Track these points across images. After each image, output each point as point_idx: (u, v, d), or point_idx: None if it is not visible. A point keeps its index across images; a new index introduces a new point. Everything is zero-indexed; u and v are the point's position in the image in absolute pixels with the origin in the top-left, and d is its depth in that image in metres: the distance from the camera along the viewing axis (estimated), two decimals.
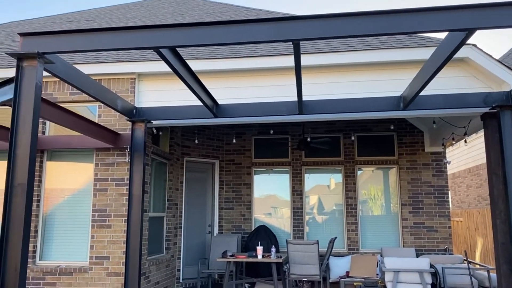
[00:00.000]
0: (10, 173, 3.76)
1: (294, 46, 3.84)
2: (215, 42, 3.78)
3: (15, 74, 3.89)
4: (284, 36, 3.62)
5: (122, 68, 6.74)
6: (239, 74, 6.66)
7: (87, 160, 6.80)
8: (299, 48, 3.89)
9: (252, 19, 3.77)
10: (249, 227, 9.22)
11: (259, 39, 3.72)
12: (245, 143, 9.55)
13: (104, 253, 6.36)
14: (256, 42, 3.76)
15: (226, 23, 3.83)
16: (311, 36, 3.60)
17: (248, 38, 3.74)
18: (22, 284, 3.64)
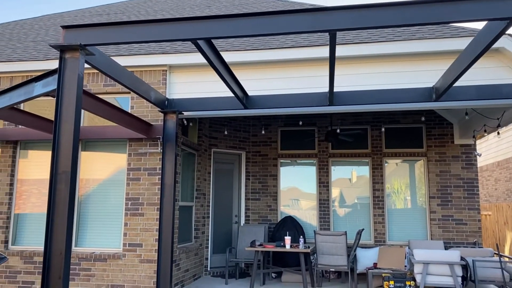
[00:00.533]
0: (55, 161, 3.92)
1: (330, 36, 3.86)
2: (252, 33, 3.83)
3: (58, 66, 4.04)
4: (321, 26, 3.64)
5: (154, 60, 6.87)
6: (269, 66, 6.69)
7: (120, 150, 6.97)
8: (335, 38, 3.91)
9: (289, 10, 3.80)
10: (275, 218, 9.30)
11: (296, 29, 3.75)
12: (272, 135, 9.60)
13: (137, 240, 6.54)
14: (293, 33, 3.79)
15: (263, 14, 3.87)
16: (348, 26, 3.61)
17: (285, 29, 3.78)
18: (66, 268, 3.80)
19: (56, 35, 9.23)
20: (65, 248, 3.78)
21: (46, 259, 3.79)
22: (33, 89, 4.51)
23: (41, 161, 7.23)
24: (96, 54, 4.35)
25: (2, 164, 7.15)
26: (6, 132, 7.02)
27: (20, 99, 4.71)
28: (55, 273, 3.77)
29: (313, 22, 3.70)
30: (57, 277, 3.76)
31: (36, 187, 7.18)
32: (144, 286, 6.39)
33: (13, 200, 7.12)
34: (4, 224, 6.98)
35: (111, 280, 6.50)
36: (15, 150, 7.24)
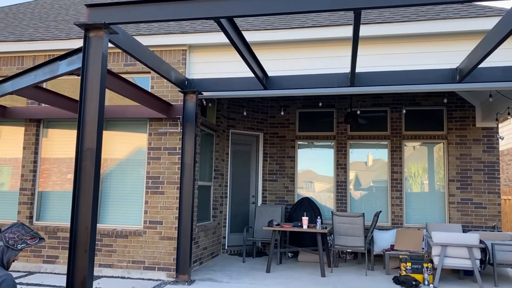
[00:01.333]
0: (80, 139, 4.00)
1: (355, 15, 3.81)
2: (276, 12, 3.80)
3: (83, 44, 4.08)
4: (346, 4, 3.60)
5: (173, 40, 6.87)
6: (289, 46, 6.64)
7: (140, 129, 7.06)
8: (359, 17, 3.85)
9: None
10: (292, 199, 9.35)
11: (319, 8, 3.71)
12: (289, 116, 9.58)
13: (158, 218, 6.67)
14: (315, 11, 3.75)
15: None
16: (374, 4, 3.55)
17: (308, 7, 3.74)
18: (92, 242, 3.92)
19: (76, 14, 9.29)
20: (91, 223, 3.90)
21: (72, 233, 3.91)
22: (58, 67, 4.58)
23: (62, 140, 7.37)
24: (119, 33, 4.38)
25: (26, 142, 7.31)
26: (30, 110, 7.16)
27: (45, 78, 4.79)
28: (81, 247, 3.89)
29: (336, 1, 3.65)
30: (83, 251, 3.89)
31: (57, 165, 7.34)
32: (164, 262, 6.54)
33: (37, 178, 7.30)
34: (29, 200, 7.18)
35: (132, 256, 6.66)
36: (38, 129, 7.38)
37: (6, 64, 7.55)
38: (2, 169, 7.50)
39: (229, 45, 6.71)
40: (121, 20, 4.05)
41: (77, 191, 3.95)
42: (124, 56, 7.11)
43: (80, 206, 3.94)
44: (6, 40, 7.48)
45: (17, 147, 7.46)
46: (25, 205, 7.17)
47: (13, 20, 9.33)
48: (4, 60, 7.56)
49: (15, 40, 7.43)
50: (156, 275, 6.53)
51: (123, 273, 6.64)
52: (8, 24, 8.98)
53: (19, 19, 9.43)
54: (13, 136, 7.52)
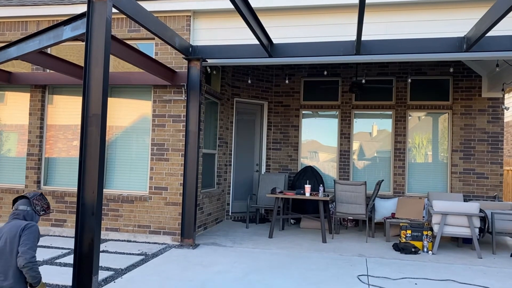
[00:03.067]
0: (85, 105, 4.04)
1: None
2: None
3: (87, 9, 4.06)
4: None
5: (178, 5, 6.79)
6: (295, 12, 6.55)
7: (145, 97, 7.08)
8: None
9: None
10: (295, 168, 9.44)
11: None
12: (294, 85, 9.54)
13: (163, 184, 6.79)
14: None
15: None
16: None
17: None
18: (99, 205, 4.02)
19: None
20: (97, 186, 3.99)
21: (80, 197, 4.01)
22: (62, 32, 4.57)
23: (67, 107, 7.42)
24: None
25: (32, 108, 7.37)
26: (35, 76, 7.18)
27: (50, 43, 4.78)
28: (88, 210, 4.00)
29: None
30: (90, 214, 4.00)
31: (62, 132, 7.42)
32: (169, 227, 6.70)
33: (43, 144, 7.40)
34: (36, 166, 7.31)
35: (138, 220, 6.83)
36: (44, 95, 7.42)
37: (10, 29, 7.51)
38: (8, 135, 7.60)
39: (234, 11, 6.63)
40: None
41: (83, 155, 4.02)
42: (128, 22, 7.05)
43: (86, 170, 4.02)
44: (10, 4, 7.42)
45: (22, 113, 7.53)
46: (32, 170, 7.30)
47: None
48: (8, 25, 7.52)
49: (18, 4, 7.37)
50: (161, 239, 6.71)
51: (129, 237, 6.82)
52: None
53: None
54: (18, 102, 7.57)
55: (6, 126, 7.60)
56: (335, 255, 6.12)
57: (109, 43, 4.08)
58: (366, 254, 6.22)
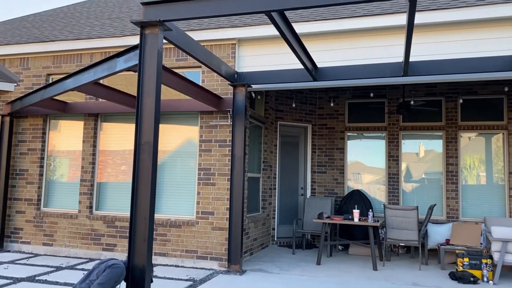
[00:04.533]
0: (138, 133, 4.17)
1: (410, 2, 3.69)
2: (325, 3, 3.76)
3: (139, 41, 4.23)
4: None
5: (223, 34, 6.96)
6: (338, 36, 6.54)
7: (192, 122, 7.23)
8: (415, 4, 3.73)
9: None
10: (341, 191, 9.26)
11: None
12: (339, 107, 9.45)
13: (209, 208, 6.84)
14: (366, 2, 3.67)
15: None
16: None
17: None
18: (150, 231, 4.09)
19: (129, 11, 9.62)
20: (149, 213, 4.07)
21: (132, 223, 4.10)
22: (116, 64, 4.78)
23: (116, 133, 7.69)
24: (173, 29, 4.50)
25: (86, 136, 7.71)
26: (88, 105, 7.54)
27: (104, 74, 5.02)
28: (140, 236, 4.07)
29: None
30: (142, 240, 4.07)
31: (111, 157, 7.68)
32: (216, 252, 6.71)
33: (95, 169, 7.69)
34: (89, 191, 7.58)
35: (185, 245, 6.88)
36: (96, 123, 7.75)
37: (66, 61, 7.97)
38: (61, 160, 7.96)
39: (278, 37, 6.71)
40: (175, 17, 4.16)
41: (136, 182, 4.12)
42: (176, 52, 7.29)
43: (139, 197, 4.12)
44: (66, 39, 7.89)
45: (75, 140, 7.88)
46: (85, 195, 7.58)
47: (71, 19, 9.81)
48: (64, 58, 7.99)
49: (74, 38, 7.82)
50: (208, 264, 6.72)
51: (177, 262, 6.88)
52: (67, 23, 9.45)
53: (76, 18, 9.90)
54: (71, 129, 7.95)
55: (59, 152, 7.98)
56: (387, 283, 5.87)
57: (160, 74, 4.22)
58: (420, 283, 5.93)
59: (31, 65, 8.18)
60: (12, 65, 8.33)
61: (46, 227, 7.70)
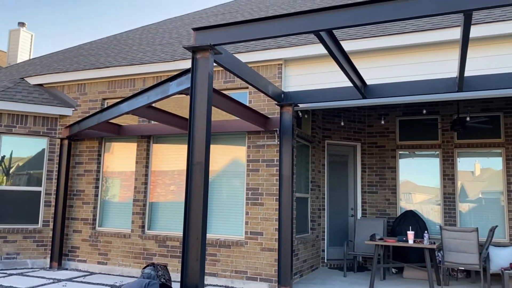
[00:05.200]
0: (190, 153, 4.25)
1: (465, 17, 3.57)
2: (375, 21, 3.71)
3: (191, 65, 4.36)
4: (455, 7, 3.39)
5: (269, 55, 7.04)
6: (387, 53, 6.43)
7: (239, 142, 7.30)
8: (470, 19, 3.61)
9: None
10: (394, 212, 8.94)
11: (421, 13, 3.55)
12: (389, 125, 9.22)
13: (258, 229, 6.81)
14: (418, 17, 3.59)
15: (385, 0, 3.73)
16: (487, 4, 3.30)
17: (410, 13, 3.60)
18: (203, 251, 4.12)
19: (178, 37, 9.97)
20: (201, 232, 4.10)
21: (185, 242, 4.14)
22: (169, 88, 4.94)
23: (165, 154, 7.89)
24: (223, 52, 4.60)
25: (139, 157, 7.97)
26: (141, 127, 7.81)
27: (157, 98, 5.19)
28: (193, 255, 4.11)
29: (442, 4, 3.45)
30: (195, 259, 4.10)
31: (161, 178, 7.87)
32: (266, 273, 6.64)
33: (147, 189, 7.90)
34: (141, 211, 7.79)
35: (234, 266, 6.87)
36: (149, 144, 8.01)
37: (120, 86, 8.35)
38: (113, 181, 8.25)
39: (324, 56, 6.69)
40: (224, 41, 4.26)
41: (188, 202, 4.19)
42: (223, 74, 7.45)
43: (191, 217, 4.17)
44: (120, 65, 8.28)
45: (128, 161, 8.16)
46: (138, 215, 7.79)
47: (124, 46, 10.31)
48: (118, 83, 8.37)
49: (127, 64, 8.19)
50: (258, 285, 6.65)
51: (226, 282, 6.87)
52: (120, 50, 9.94)
53: (129, 44, 10.39)
54: (124, 151, 8.25)
55: (113, 173, 8.28)
56: None
57: (211, 96, 4.31)
58: None
59: (88, 91, 8.64)
60: (71, 91, 8.83)
61: (101, 246, 7.96)
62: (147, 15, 66.71)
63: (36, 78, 9.07)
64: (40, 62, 10.90)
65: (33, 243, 8.24)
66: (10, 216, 8.18)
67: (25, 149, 8.49)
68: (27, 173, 8.43)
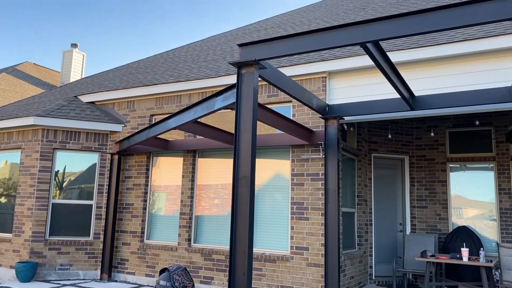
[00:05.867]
0: (236, 167, 4.28)
1: None
2: (425, 30, 3.62)
3: (236, 81, 4.41)
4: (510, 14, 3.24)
5: (313, 68, 7.02)
6: (436, 63, 6.24)
7: (283, 156, 7.28)
8: None
9: (466, 1, 3.49)
10: (445, 228, 8.55)
11: (476, 21, 3.44)
12: (438, 137, 8.89)
13: (304, 244, 6.72)
14: (471, 26, 3.47)
15: (433, 10, 3.63)
16: None
17: (463, 21, 3.49)
18: (249, 265, 4.10)
19: (222, 53, 10.17)
20: (248, 246, 4.09)
21: (231, 256, 4.15)
22: (214, 103, 5.03)
23: (210, 168, 7.99)
24: (268, 67, 4.64)
25: (185, 171, 8.13)
26: (187, 142, 7.98)
27: (203, 113, 5.29)
28: (240, 270, 4.10)
29: (500, 10, 3.31)
30: (242, 274, 4.09)
31: (205, 191, 7.97)
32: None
33: (193, 203, 8.02)
34: (187, 224, 7.91)
35: (280, 281, 6.80)
36: (194, 158, 8.15)
37: (167, 102, 8.59)
38: (162, 195, 8.44)
39: (369, 67, 6.59)
40: (269, 56, 4.28)
41: (234, 216, 4.20)
42: (267, 88, 7.49)
43: (238, 231, 4.17)
44: (167, 82, 8.53)
45: (174, 175, 8.33)
46: (184, 228, 7.91)
47: (170, 64, 10.64)
48: (165, 100, 8.62)
49: (174, 81, 8.42)
50: None
51: None
52: (167, 67, 10.26)
53: (175, 62, 10.71)
54: (170, 165, 8.44)
55: (160, 187, 8.48)
56: None
57: (256, 110, 4.34)
58: None
59: (137, 107, 8.95)
60: (121, 107, 9.18)
61: (149, 258, 8.13)
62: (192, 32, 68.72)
63: (88, 96, 9.52)
64: (92, 81, 11.45)
65: (84, 255, 8.55)
66: (63, 228, 8.55)
67: (77, 164, 8.88)
68: (79, 187, 8.80)
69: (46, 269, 8.25)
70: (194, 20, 72.61)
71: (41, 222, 8.34)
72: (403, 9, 8.94)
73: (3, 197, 9.09)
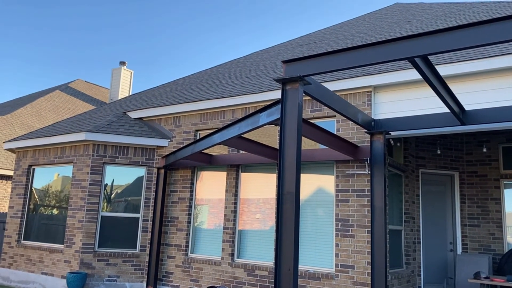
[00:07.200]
0: (280, 183, 4.28)
1: None
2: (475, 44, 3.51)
3: (281, 96, 4.43)
4: None
5: (357, 82, 6.94)
6: (487, 76, 6.01)
7: (327, 172, 7.20)
8: None
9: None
10: (500, 248, 8.10)
11: None
12: (491, 153, 8.49)
13: (349, 262, 6.57)
14: None
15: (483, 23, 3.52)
16: None
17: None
18: (295, 283, 4.05)
19: (265, 69, 10.27)
20: (293, 264, 4.05)
21: (276, 273, 4.12)
22: (259, 119, 5.07)
23: (252, 182, 8.01)
24: (312, 83, 4.63)
25: (228, 185, 8.20)
26: (231, 157, 8.07)
27: (248, 129, 5.35)
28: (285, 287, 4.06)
29: None
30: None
31: (247, 206, 7.98)
32: None
33: (237, 217, 8.06)
34: (231, 239, 7.94)
35: None
36: (238, 173, 8.22)
37: (211, 118, 8.75)
38: (206, 209, 8.54)
39: (416, 81, 6.44)
40: (314, 71, 4.28)
41: (280, 232, 4.18)
42: (310, 103, 7.47)
43: (283, 247, 4.15)
44: (211, 98, 8.70)
45: (217, 190, 8.42)
46: (228, 243, 7.95)
47: (215, 80, 10.85)
48: (210, 115, 8.79)
49: (218, 97, 8.58)
50: None
51: None
52: (211, 84, 10.48)
53: (219, 78, 10.92)
54: (214, 180, 8.54)
55: (204, 200, 8.59)
56: None
57: (301, 126, 4.33)
58: None
59: (182, 123, 9.17)
60: (167, 123, 9.45)
61: (193, 272, 8.22)
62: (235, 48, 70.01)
63: (137, 112, 9.87)
64: (140, 97, 11.87)
65: (131, 267, 8.77)
66: (111, 240, 8.82)
67: (125, 177, 9.19)
68: (126, 200, 9.08)
69: (95, 280, 8.52)
70: (236, 37, 74.05)
71: (91, 234, 8.65)
72: (450, 21, 8.70)
73: (56, 209, 9.53)
